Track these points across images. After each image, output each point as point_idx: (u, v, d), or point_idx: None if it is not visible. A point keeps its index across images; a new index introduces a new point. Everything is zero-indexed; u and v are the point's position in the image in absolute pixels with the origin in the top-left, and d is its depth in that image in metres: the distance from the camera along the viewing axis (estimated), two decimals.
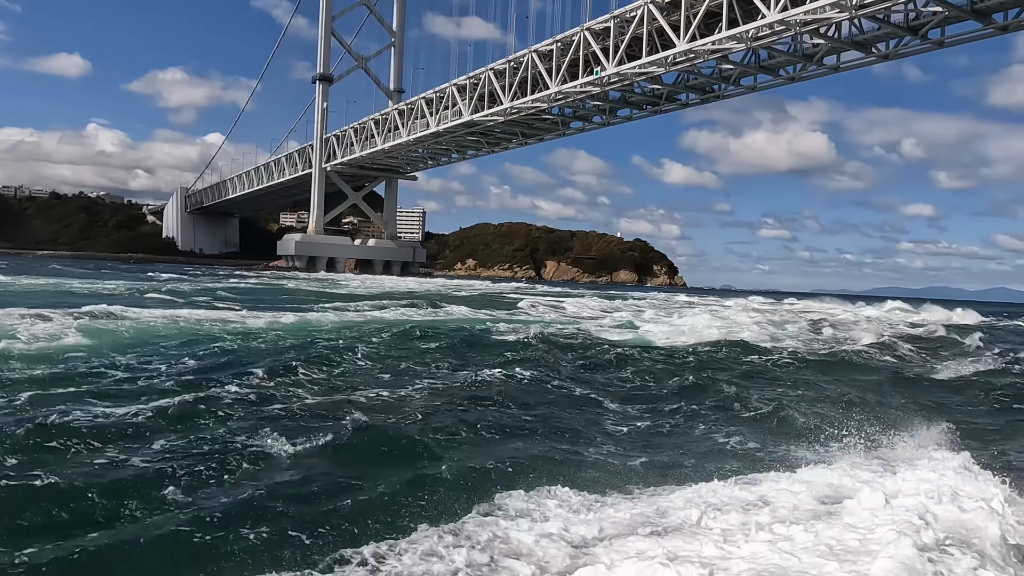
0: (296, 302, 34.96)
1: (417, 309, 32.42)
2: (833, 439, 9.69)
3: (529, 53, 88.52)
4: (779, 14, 60.26)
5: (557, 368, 15.99)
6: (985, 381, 17.85)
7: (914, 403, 14.05)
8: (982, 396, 15.78)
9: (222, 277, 74.90)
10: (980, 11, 57.97)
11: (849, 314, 42.43)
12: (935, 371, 19.90)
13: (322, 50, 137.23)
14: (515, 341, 19.86)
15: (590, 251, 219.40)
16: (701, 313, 34.53)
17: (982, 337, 28.17)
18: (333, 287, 61.84)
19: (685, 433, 10.90)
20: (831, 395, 14.51)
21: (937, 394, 15.95)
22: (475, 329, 22.57)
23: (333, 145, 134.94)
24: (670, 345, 21.80)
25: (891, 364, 21.15)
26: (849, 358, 21.17)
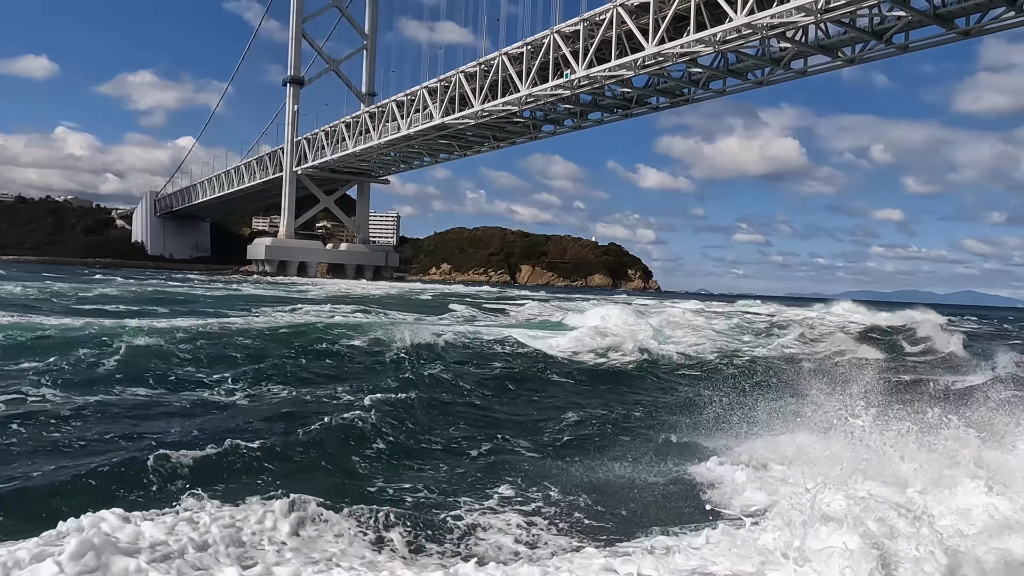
0: (212, 306, 33.57)
1: (331, 312, 31.27)
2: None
3: (499, 56, 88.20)
4: (746, 17, 60.50)
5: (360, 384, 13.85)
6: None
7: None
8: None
9: (169, 281, 72.61)
10: (943, 16, 58.61)
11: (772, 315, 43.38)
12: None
13: (293, 52, 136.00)
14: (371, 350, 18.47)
15: (565, 255, 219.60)
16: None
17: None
18: (286, 291, 60.85)
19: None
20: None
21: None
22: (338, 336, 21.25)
23: (304, 148, 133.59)
24: (569, 353, 20.38)
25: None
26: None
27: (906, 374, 19.15)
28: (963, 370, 20.56)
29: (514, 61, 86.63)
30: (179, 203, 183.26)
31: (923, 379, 17.75)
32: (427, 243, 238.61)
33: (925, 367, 20.39)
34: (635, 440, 10.81)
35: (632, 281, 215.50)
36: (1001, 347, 27.87)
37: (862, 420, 7.65)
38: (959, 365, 22.25)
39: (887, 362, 22.14)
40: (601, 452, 9.98)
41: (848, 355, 23.19)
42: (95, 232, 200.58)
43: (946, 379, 18.24)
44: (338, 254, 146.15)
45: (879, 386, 11.01)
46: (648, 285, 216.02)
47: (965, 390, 15.49)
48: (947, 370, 20.20)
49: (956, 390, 16.33)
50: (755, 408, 10.58)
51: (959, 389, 16.58)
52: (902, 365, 21.92)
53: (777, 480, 7.65)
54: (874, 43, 64.07)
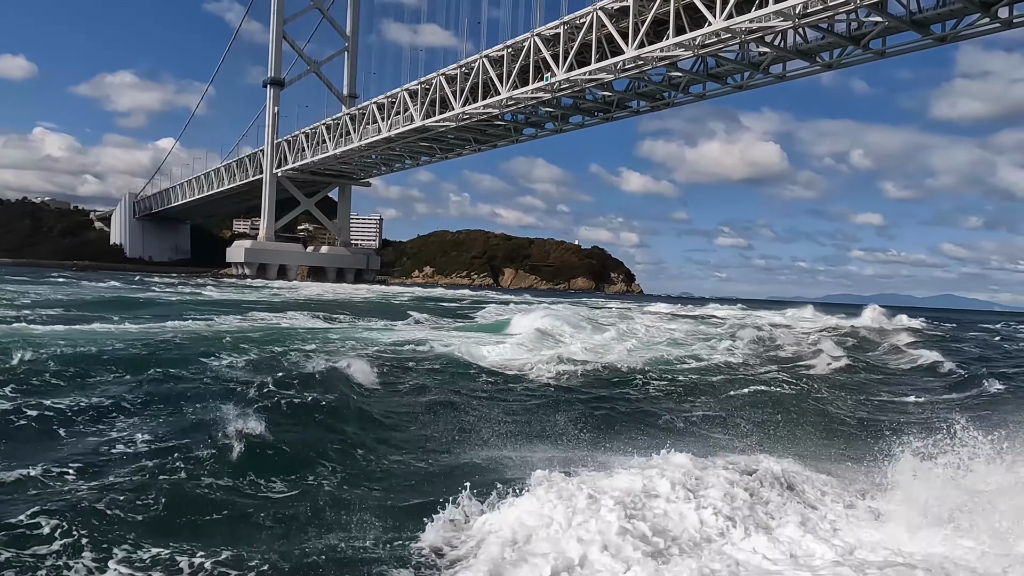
0: (154, 311, 32.17)
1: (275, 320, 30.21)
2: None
3: (480, 58, 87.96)
4: (724, 22, 60.62)
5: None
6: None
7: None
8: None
9: (132, 285, 70.64)
10: (919, 22, 59.02)
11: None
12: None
13: (273, 53, 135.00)
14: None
15: (548, 259, 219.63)
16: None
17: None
18: (254, 295, 60.00)
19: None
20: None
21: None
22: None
23: (284, 150, 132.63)
24: (500, 363, 19.47)
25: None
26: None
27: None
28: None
29: (495, 64, 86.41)
30: (158, 205, 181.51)
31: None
32: (410, 246, 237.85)
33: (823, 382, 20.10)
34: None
35: (615, 284, 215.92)
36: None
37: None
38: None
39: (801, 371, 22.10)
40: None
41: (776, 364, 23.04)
42: (73, 234, 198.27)
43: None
44: (319, 257, 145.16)
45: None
46: (631, 288, 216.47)
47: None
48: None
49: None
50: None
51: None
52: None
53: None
54: (852, 48, 64.45)
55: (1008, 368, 24.66)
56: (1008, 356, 31.20)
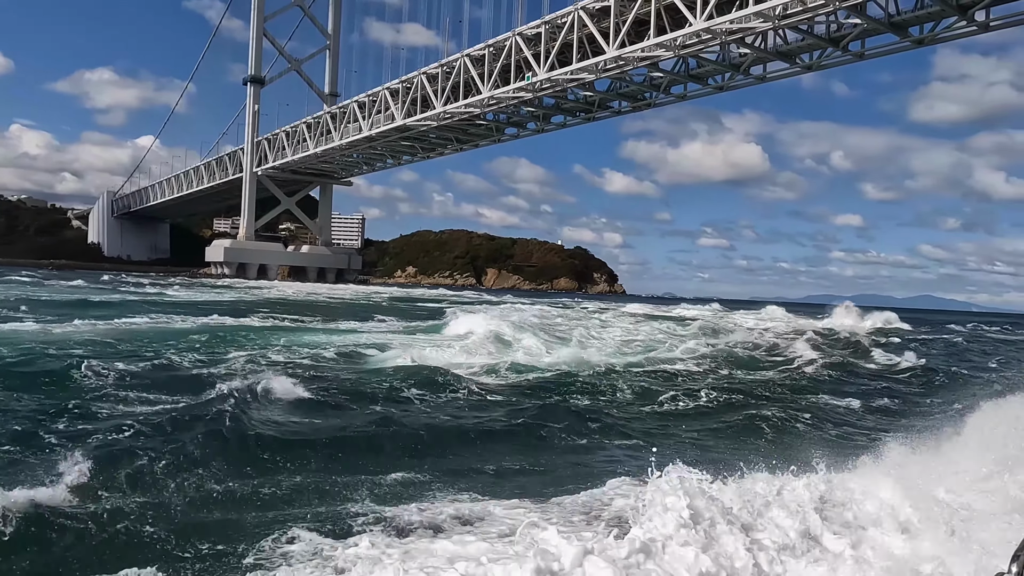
0: (97, 310, 31.80)
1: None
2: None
3: (462, 57, 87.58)
4: (705, 22, 60.70)
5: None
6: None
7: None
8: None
9: (96, 284, 69.55)
10: (897, 24, 59.36)
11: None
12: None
13: (253, 51, 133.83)
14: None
15: (531, 259, 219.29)
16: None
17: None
18: (225, 295, 59.28)
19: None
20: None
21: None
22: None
23: (265, 149, 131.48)
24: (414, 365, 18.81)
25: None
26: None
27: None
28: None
29: (476, 63, 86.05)
30: (137, 203, 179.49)
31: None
32: (392, 246, 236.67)
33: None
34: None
35: (598, 285, 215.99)
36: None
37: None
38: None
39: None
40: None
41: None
42: (49, 233, 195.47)
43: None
44: (299, 256, 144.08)
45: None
46: (614, 289, 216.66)
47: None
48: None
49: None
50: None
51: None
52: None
53: None
54: (831, 50, 64.71)
55: (965, 369, 24.72)
56: (969, 357, 31.40)
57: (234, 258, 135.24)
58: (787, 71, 70.28)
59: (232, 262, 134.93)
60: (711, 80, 76.05)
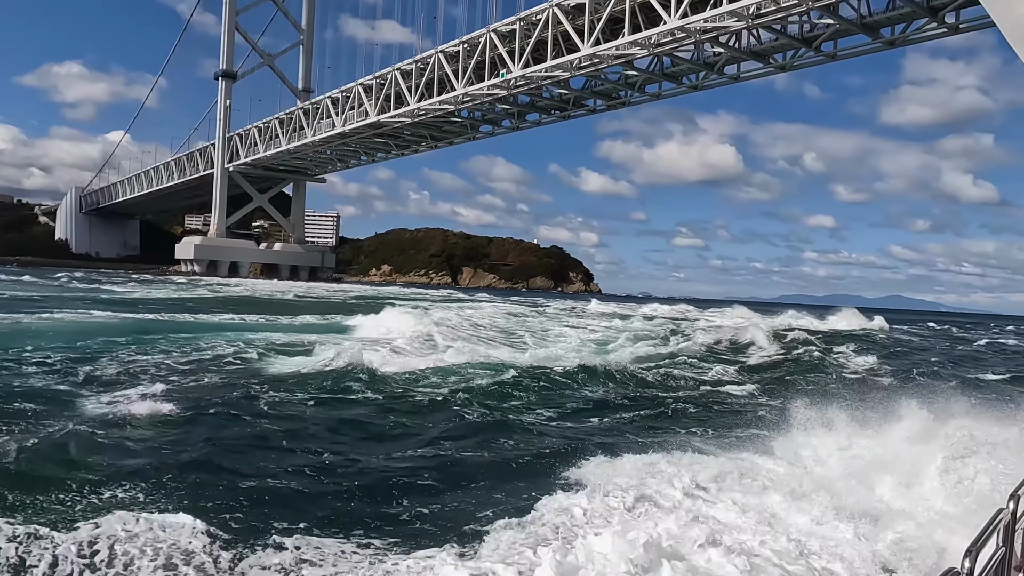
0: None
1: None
2: None
3: (436, 53, 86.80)
4: (679, 21, 60.60)
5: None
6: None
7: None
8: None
9: (41, 280, 67.98)
10: (869, 25, 59.71)
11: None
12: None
13: (225, 45, 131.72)
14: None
15: (506, 258, 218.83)
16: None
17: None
18: (181, 292, 58.06)
19: None
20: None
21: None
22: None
23: (236, 144, 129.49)
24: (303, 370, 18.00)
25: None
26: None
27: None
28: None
29: (451, 60, 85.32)
30: (106, 199, 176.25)
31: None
32: (368, 244, 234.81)
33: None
34: None
35: (573, 284, 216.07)
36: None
37: None
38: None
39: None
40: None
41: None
42: (16, 229, 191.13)
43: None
44: (272, 254, 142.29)
45: None
46: (589, 288, 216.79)
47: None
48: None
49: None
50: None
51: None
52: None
53: None
54: (804, 50, 64.96)
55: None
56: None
57: (204, 255, 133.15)
58: (760, 71, 70.50)
59: (203, 259, 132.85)
60: (685, 79, 76.10)
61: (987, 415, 11.42)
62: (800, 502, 8.17)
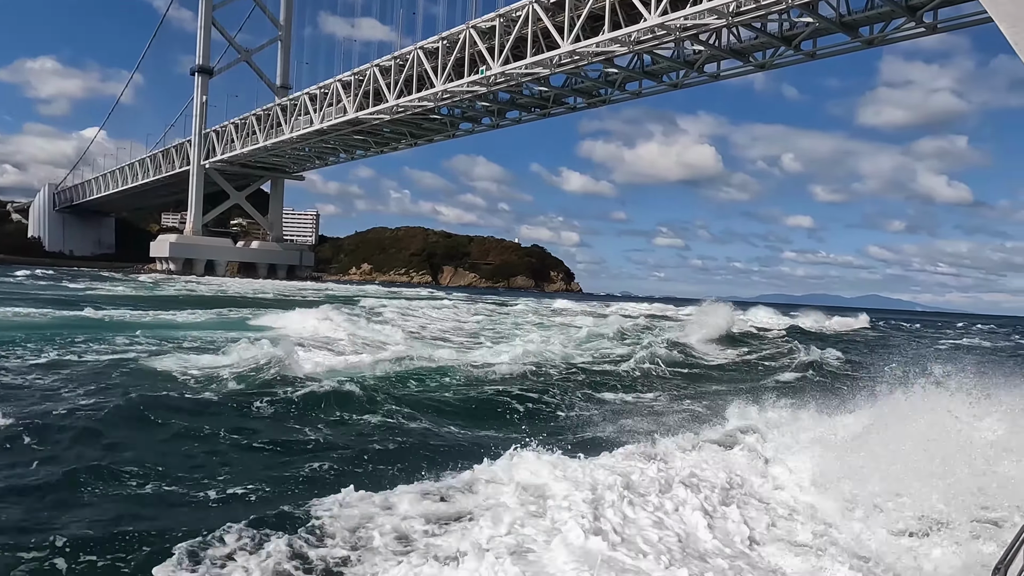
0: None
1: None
2: None
3: (415, 49, 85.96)
4: (659, 18, 60.31)
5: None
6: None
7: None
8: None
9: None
10: (848, 24, 59.73)
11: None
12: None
13: (201, 40, 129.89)
14: None
15: (487, 257, 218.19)
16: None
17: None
18: (140, 291, 56.71)
19: None
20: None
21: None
22: None
23: (213, 141, 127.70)
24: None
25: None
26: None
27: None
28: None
29: (430, 56, 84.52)
30: (80, 196, 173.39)
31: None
32: (347, 243, 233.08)
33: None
34: None
35: (554, 283, 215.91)
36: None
37: None
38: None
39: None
40: None
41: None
42: None
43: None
44: (249, 252, 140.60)
45: None
46: (570, 287, 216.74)
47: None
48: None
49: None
50: None
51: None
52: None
53: None
54: (784, 49, 64.92)
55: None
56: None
57: (180, 253, 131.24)
58: (740, 69, 70.43)
59: (178, 258, 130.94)
60: (666, 77, 75.86)
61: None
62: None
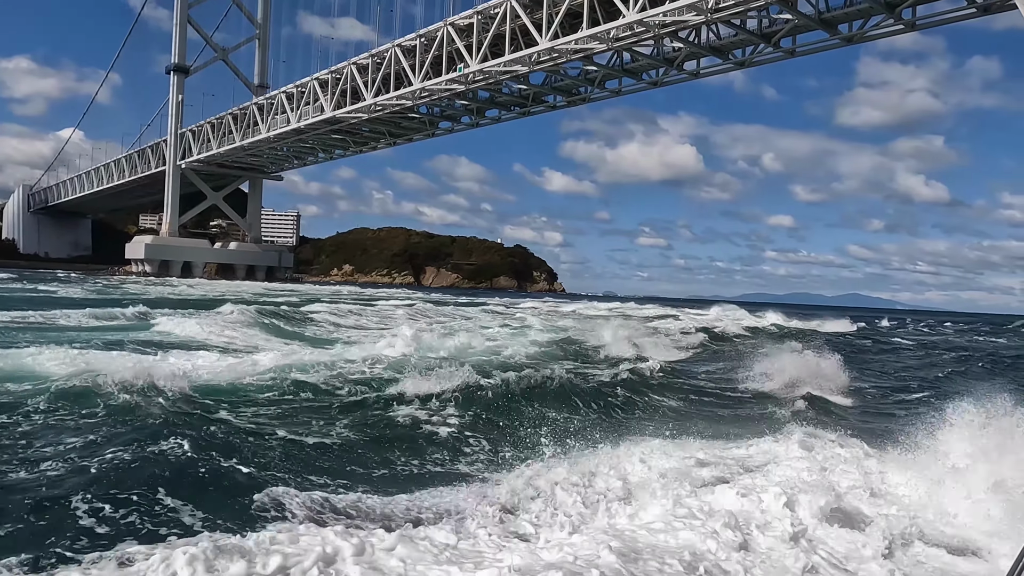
0: None
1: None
2: None
3: (392, 47, 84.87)
4: (638, 14, 59.70)
5: None
6: None
7: None
8: None
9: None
10: (827, 21, 59.37)
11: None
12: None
13: (177, 38, 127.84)
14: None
15: (470, 257, 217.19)
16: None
17: None
18: (99, 293, 54.84)
19: None
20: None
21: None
22: None
23: (189, 141, 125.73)
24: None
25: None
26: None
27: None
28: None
29: (408, 54, 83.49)
30: (55, 197, 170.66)
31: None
32: (329, 243, 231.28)
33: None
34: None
35: (537, 283, 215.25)
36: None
37: None
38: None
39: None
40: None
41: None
42: None
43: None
44: (227, 254, 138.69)
45: None
46: (553, 287, 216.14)
47: None
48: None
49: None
50: None
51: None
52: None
53: None
54: (763, 46, 64.48)
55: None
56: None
57: (155, 255, 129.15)
58: (720, 67, 69.97)
59: (154, 259, 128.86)
60: (645, 75, 75.30)
61: None
62: None
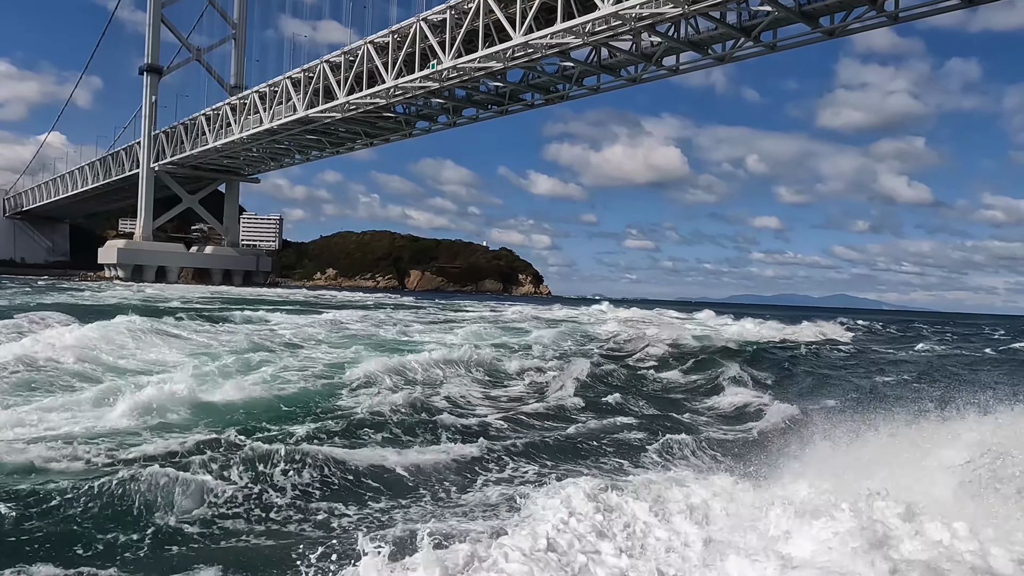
0: None
1: None
2: None
3: (364, 44, 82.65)
4: (614, 7, 57.75)
5: None
6: None
7: None
8: None
9: None
10: (808, 14, 57.54)
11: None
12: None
13: (150, 38, 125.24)
14: None
15: (456, 260, 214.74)
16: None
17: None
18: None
19: None
20: None
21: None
22: None
23: (163, 143, 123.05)
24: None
25: None
26: None
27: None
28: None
29: (380, 51, 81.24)
30: (30, 202, 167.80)
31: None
32: (313, 247, 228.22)
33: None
34: None
35: (523, 286, 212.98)
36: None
37: None
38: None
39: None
40: None
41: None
42: None
43: None
44: (203, 258, 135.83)
45: None
46: (539, 290, 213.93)
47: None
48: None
49: None
50: None
51: None
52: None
53: None
54: (744, 40, 62.48)
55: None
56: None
57: (129, 260, 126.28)
58: (700, 63, 68.12)
59: (127, 264, 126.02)
60: (624, 71, 73.39)
61: None
62: None
